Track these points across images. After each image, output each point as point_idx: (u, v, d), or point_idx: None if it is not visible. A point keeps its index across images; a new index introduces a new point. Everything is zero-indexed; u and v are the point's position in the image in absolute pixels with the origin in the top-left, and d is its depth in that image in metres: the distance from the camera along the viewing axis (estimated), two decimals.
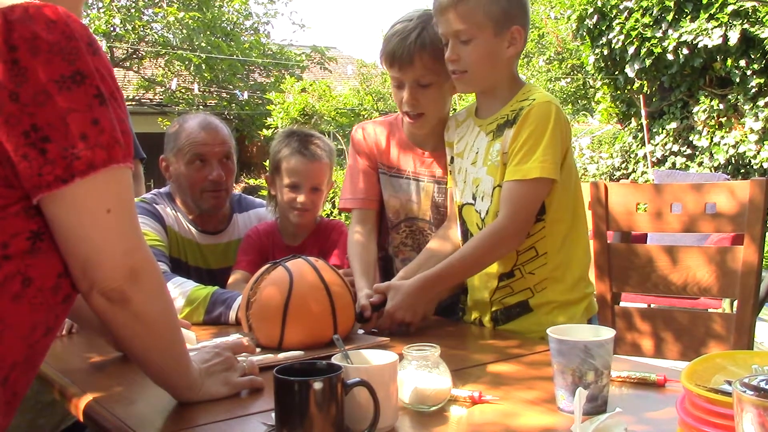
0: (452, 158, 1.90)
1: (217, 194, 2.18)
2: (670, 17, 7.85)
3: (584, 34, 8.78)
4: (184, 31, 14.86)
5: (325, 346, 1.54)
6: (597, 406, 1.11)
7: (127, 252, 1.05)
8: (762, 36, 7.26)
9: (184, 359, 1.19)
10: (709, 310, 4.04)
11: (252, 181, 10.77)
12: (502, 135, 1.72)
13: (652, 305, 4.33)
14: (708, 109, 7.89)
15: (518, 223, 1.65)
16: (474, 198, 1.79)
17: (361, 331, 1.72)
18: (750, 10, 7.46)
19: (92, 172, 0.99)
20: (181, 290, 1.91)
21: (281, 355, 1.50)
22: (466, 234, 1.84)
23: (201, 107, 14.98)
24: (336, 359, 1.13)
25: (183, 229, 2.21)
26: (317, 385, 1.00)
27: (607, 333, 1.14)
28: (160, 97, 15.69)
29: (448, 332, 1.78)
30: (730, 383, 0.80)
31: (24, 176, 0.97)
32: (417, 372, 1.17)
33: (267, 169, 2.18)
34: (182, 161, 2.16)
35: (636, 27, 8.05)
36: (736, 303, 2.05)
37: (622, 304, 2.37)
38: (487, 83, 1.77)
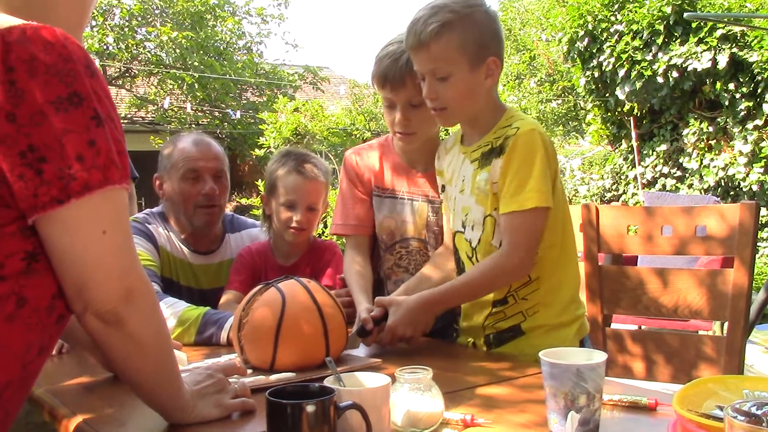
0: (443, 186, 1.91)
1: (210, 210, 2.18)
2: (660, 41, 7.93)
3: (575, 56, 8.85)
4: (177, 50, 14.90)
5: (316, 367, 1.53)
6: (589, 429, 1.11)
7: (122, 273, 1.04)
8: (750, 60, 7.34)
9: (176, 381, 1.18)
10: (700, 332, 4.05)
11: (244, 201, 10.76)
12: (488, 164, 1.71)
13: (643, 327, 4.34)
14: (697, 131, 7.95)
15: (523, 256, 1.64)
16: (463, 226, 1.80)
17: (357, 351, 1.72)
18: (738, 35, 7.55)
19: (88, 193, 0.99)
20: (172, 311, 1.90)
21: (273, 377, 1.50)
22: (458, 262, 1.85)
23: (193, 126, 15.00)
24: (328, 382, 1.13)
25: (175, 249, 2.21)
26: (310, 408, 1.00)
27: (599, 356, 1.14)
28: (153, 115, 15.69)
29: (441, 354, 1.77)
30: (721, 408, 0.81)
31: (20, 196, 0.97)
32: (409, 395, 1.17)
33: (259, 188, 2.20)
34: (176, 177, 2.16)
35: (626, 50, 8.13)
36: (726, 325, 2.06)
37: (613, 326, 2.38)
38: (467, 116, 1.77)
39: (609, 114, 8.94)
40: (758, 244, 7.44)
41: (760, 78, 7.35)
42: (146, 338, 1.09)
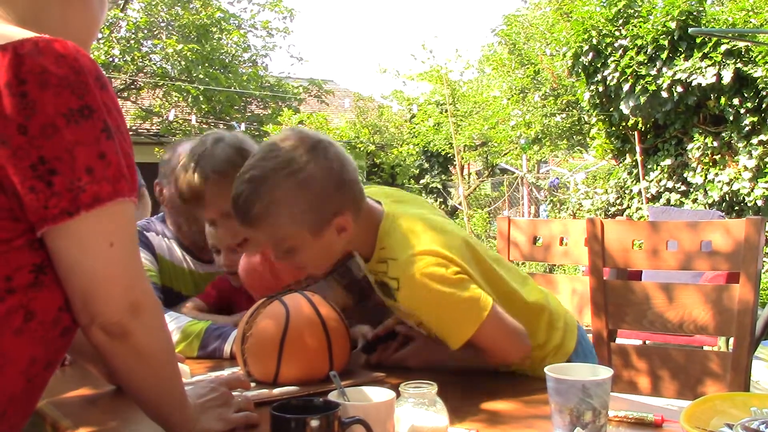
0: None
1: None
2: (664, 55, 7.94)
3: (579, 70, 8.87)
4: (183, 62, 14.97)
5: (320, 381, 1.53)
6: None
7: (128, 286, 1.04)
8: (755, 75, 7.34)
9: (180, 394, 1.18)
10: (705, 348, 4.03)
11: None
12: (390, 297, 1.57)
13: (647, 342, 4.32)
14: (702, 146, 7.95)
15: (516, 351, 1.57)
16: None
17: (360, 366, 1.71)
18: (743, 50, 7.56)
19: (98, 206, 0.99)
20: (176, 325, 1.89)
21: (276, 391, 1.49)
22: None
23: None
24: (333, 396, 1.12)
25: (176, 258, 2.20)
26: (314, 423, 1.00)
27: (605, 372, 1.13)
28: (158, 127, 15.74)
29: (447, 369, 1.76)
30: (730, 427, 0.80)
31: (30, 209, 0.98)
32: (414, 409, 1.16)
33: None
34: (176, 184, 2.16)
35: (631, 64, 8.14)
36: (732, 341, 2.05)
37: (618, 340, 2.37)
38: (332, 264, 1.64)
39: (613, 128, 8.94)
40: (764, 259, 7.43)
41: (764, 93, 7.35)
42: (151, 351, 1.09)
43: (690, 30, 5.43)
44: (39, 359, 1.05)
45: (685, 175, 8.18)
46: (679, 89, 7.74)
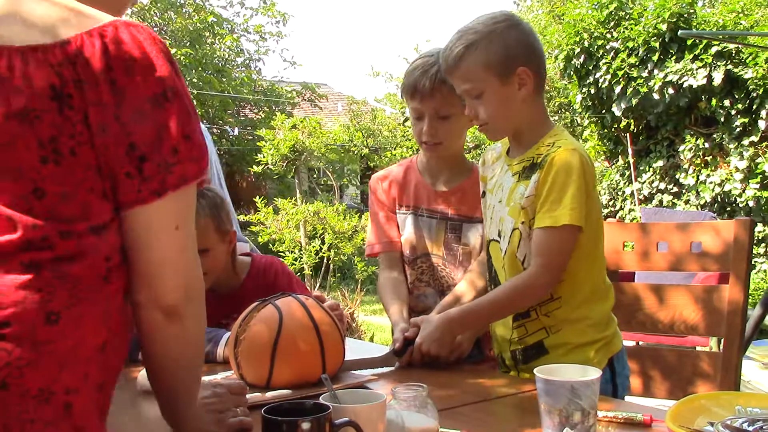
0: (484, 192, 1.93)
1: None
2: (655, 57, 7.96)
3: (571, 73, 8.89)
4: None
5: (313, 385, 1.54)
6: None
7: (186, 270, 1.07)
8: (745, 77, 7.38)
9: (197, 387, 1.20)
10: (697, 348, 4.05)
11: (242, 217, 10.78)
12: (527, 178, 1.73)
13: (641, 342, 4.34)
14: (694, 147, 7.98)
15: (551, 273, 1.66)
16: (499, 235, 1.81)
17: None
18: (733, 51, 7.59)
19: (184, 185, 1.02)
20: None
21: (269, 394, 1.50)
22: (491, 269, 1.86)
23: None
24: (324, 399, 1.13)
25: None
26: (305, 426, 1.01)
27: (593, 373, 1.14)
28: None
29: (439, 371, 1.77)
30: (713, 424, 0.81)
31: (123, 191, 1.00)
32: (405, 412, 1.17)
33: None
34: None
35: (622, 67, 8.17)
36: (722, 341, 2.07)
37: None
38: (510, 128, 1.79)
39: (606, 130, 8.97)
40: (755, 259, 7.46)
41: (755, 94, 7.39)
42: (196, 337, 1.12)
43: (680, 33, 5.46)
44: (128, 339, 1.09)
45: (677, 177, 8.21)
46: (671, 91, 7.77)
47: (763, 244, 7.52)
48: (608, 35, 8.48)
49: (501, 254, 1.80)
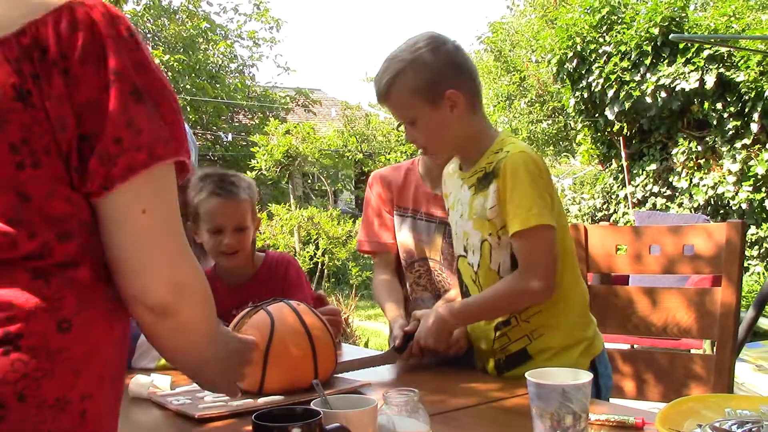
0: (448, 210, 1.94)
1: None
2: (648, 61, 7.99)
3: (564, 77, 8.91)
4: (169, 73, 14.95)
5: (305, 390, 1.53)
6: None
7: (170, 262, 0.97)
8: (737, 80, 7.40)
9: (211, 352, 1.13)
10: (692, 351, 4.05)
11: None
12: (483, 189, 1.73)
13: (636, 345, 4.34)
14: (686, 150, 8.00)
15: (538, 275, 1.65)
16: (465, 251, 1.82)
17: (351, 374, 1.72)
18: (725, 55, 7.62)
19: (132, 176, 0.92)
20: None
21: (261, 400, 1.50)
22: (461, 285, 1.87)
23: None
24: (315, 404, 1.13)
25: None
26: (295, 431, 1.00)
27: (585, 376, 1.14)
28: None
29: (432, 375, 1.77)
30: (701, 427, 0.81)
31: (80, 185, 0.93)
32: (396, 417, 1.17)
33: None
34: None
35: (615, 71, 8.19)
36: (716, 344, 2.07)
37: (606, 345, 2.38)
38: (451, 148, 1.82)
39: (599, 134, 8.99)
40: (749, 262, 7.47)
41: (747, 97, 7.41)
42: (195, 327, 1.04)
43: (671, 36, 5.47)
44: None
45: (670, 180, 8.23)
46: (663, 94, 7.79)
47: (756, 247, 7.54)
48: (601, 39, 8.51)
49: (470, 269, 1.80)
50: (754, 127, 7.37)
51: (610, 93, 8.23)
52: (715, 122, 7.71)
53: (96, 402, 0.94)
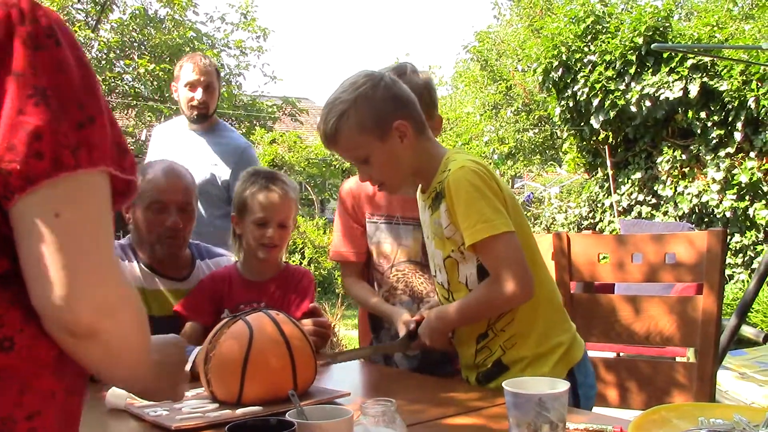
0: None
1: (172, 241, 2.19)
2: (632, 70, 8.03)
3: (550, 86, 8.94)
4: (155, 82, 14.91)
5: (284, 401, 1.52)
6: None
7: (98, 282, 0.85)
8: (721, 89, 7.45)
9: (149, 373, 1.07)
10: (676, 359, 4.06)
11: None
12: (437, 209, 1.75)
13: (622, 354, 4.34)
14: (671, 159, 8.04)
15: (514, 280, 1.63)
16: (435, 272, 1.84)
17: (328, 383, 1.70)
18: (708, 64, 7.67)
19: (30, 188, 0.82)
20: None
21: (239, 411, 1.48)
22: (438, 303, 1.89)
23: None
24: (291, 415, 1.12)
25: (147, 280, 2.19)
26: None
27: (562, 386, 1.14)
28: (131, 147, 15.65)
29: (411, 385, 1.77)
30: None
31: None
32: (373, 428, 1.16)
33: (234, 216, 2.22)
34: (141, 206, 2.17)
35: (600, 80, 8.23)
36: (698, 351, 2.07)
37: (590, 353, 2.38)
38: (406, 177, 1.81)
39: (584, 143, 9.03)
40: (733, 270, 7.51)
41: (730, 106, 7.46)
42: (125, 348, 0.92)
43: (653, 46, 5.47)
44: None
45: (655, 188, 8.26)
46: (648, 103, 7.84)
47: (740, 255, 7.57)
48: (586, 49, 8.55)
49: (443, 289, 1.82)
50: (738, 136, 7.42)
51: (596, 102, 8.27)
52: (699, 131, 7.76)
53: (45, 417, 0.88)
